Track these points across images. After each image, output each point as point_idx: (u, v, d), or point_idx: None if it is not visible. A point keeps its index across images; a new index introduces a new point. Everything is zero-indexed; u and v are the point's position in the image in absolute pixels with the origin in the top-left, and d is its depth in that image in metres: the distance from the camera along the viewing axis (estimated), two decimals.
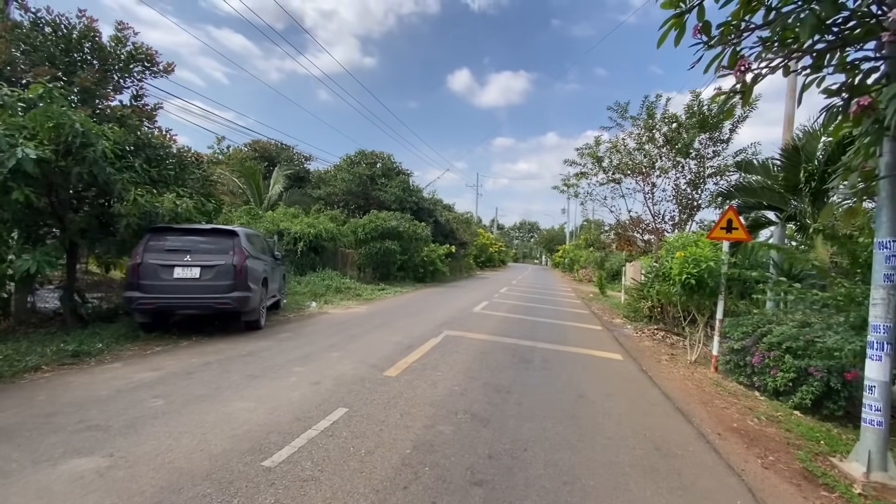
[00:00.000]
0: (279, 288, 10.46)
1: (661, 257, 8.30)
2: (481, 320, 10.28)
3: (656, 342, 9.64)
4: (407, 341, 7.28)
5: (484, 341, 7.76)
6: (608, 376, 6.20)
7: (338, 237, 16.83)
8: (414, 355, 6.30)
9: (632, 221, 13.29)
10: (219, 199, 13.42)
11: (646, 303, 12.71)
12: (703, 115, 11.02)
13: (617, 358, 7.53)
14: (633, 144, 12.16)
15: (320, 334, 7.64)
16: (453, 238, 28.93)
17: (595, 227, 15.18)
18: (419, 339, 7.46)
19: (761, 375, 6.38)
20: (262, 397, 4.29)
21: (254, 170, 20.19)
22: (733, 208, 7.55)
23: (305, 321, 9.20)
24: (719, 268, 7.27)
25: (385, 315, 10.32)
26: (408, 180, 25.53)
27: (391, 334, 7.83)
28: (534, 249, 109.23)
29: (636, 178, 12.90)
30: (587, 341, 8.87)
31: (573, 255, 38.27)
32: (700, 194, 11.81)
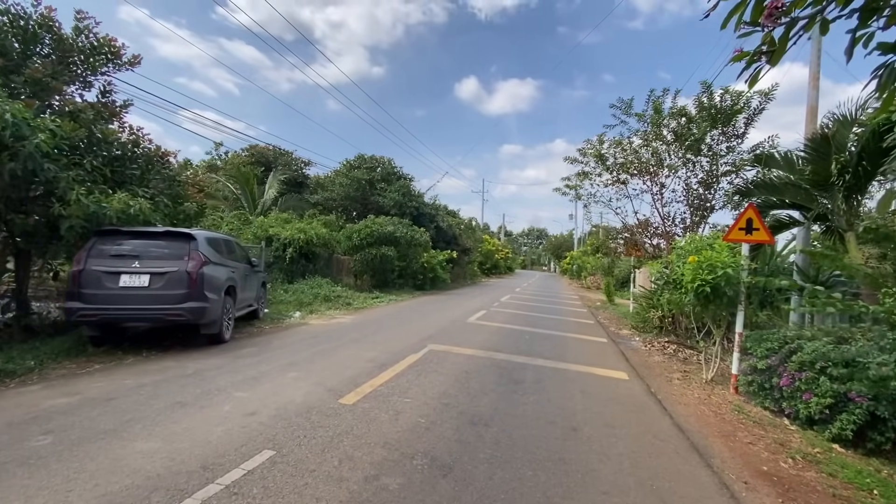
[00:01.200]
0: (257, 297, 9.73)
1: (671, 262, 7.40)
2: (474, 332, 9.42)
3: (667, 357, 8.69)
4: (382, 358, 6.46)
5: (471, 357, 6.90)
6: (610, 401, 5.29)
7: (331, 243, 16.11)
8: (384, 376, 5.47)
9: (639, 225, 12.36)
10: (200, 203, 12.82)
11: (655, 312, 11.74)
12: (714, 109, 10.11)
13: (622, 377, 6.62)
14: (639, 142, 11.27)
15: (287, 349, 6.85)
16: (456, 244, 28.10)
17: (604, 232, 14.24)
18: (397, 356, 6.63)
19: (791, 400, 5.46)
20: (176, 434, 3.49)
21: (247, 175, 19.62)
22: (753, 206, 6.64)
23: (279, 333, 8.42)
24: (738, 274, 6.35)
25: (369, 326, 9.51)
26: (408, 185, 24.83)
27: (367, 349, 7.02)
28: (542, 256, 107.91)
29: (643, 178, 12.00)
30: (589, 356, 7.96)
31: (581, 261, 37.19)
32: (713, 194, 10.87)
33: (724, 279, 6.24)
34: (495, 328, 10.19)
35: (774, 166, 7.57)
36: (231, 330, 7.58)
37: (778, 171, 7.69)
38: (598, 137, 11.57)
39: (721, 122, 10.27)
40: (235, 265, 8.13)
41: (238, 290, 8.00)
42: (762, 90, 9.82)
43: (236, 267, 8.14)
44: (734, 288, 6.33)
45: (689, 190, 11.19)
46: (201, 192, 14.19)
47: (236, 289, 7.85)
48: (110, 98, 8.87)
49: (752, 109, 10.07)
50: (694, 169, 10.91)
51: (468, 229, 44.15)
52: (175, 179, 8.65)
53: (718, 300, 6.46)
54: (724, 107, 10.10)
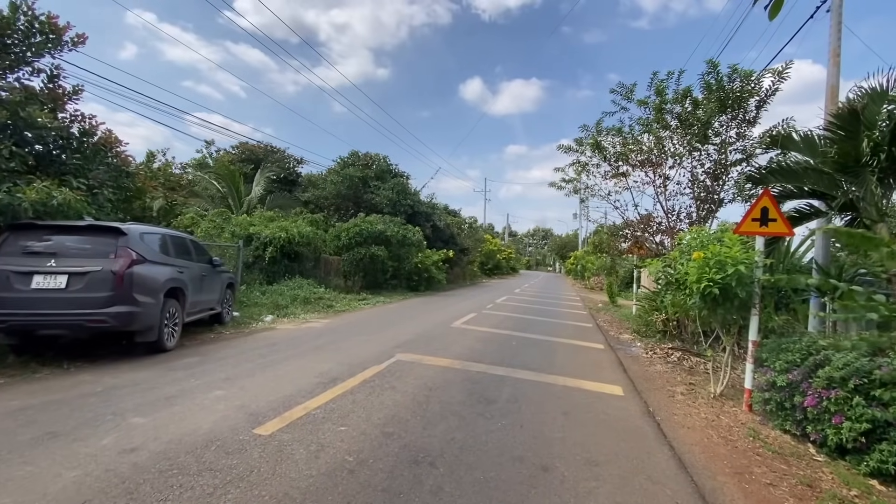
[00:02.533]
0: (221, 299, 8.91)
1: (673, 260, 6.48)
2: (455, 338, 8.53)
3: (671, 366, 7.75)
4: (337, 370, 5.59)
5: (442, 370, 6.02)
6: (598, 426, 4.38)
7: (316, 242, 15.29)
8: (327, 395, 4.60)
9: (641, 220, 11.39)
10: (170, 199, 12.09)
11: (659, 315, 10.78)
12: (722, 91, 9.14)
13: (616, 393, 5.70)
14: (641, 129, 10.30)
15: (231, 360, 6.01)
16: (453, 244, 27.21)
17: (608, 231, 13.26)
18: (355, 368, 5.76)
19: (817, 423, 4.54)
20: (5, 487, 2.64)
21: (232, 172, 18.88)
22: (769, 193, 5.70)
23: (237, 340, 7.59)
24: (752, 273, 5.42)
25: (340, 332, 8.66)
26: (404, 183, 23.99)
27: (324, 360, 6.16)
28: (547, 257, 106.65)
29: (645, 169, 11.03)
30: (582, 367, 7.04)
31: (584, 261, 36.15)
32: (721, 186, 9.89)
33: (736, 278, 5.31)
34: (481, 333, 9.29)
35: (792, 148, 6.60)
36: (178, 337, 6.76)
37: (796, 154, 6.73)
38: (596, 124, 10.63)
39: (730, 106, 9.30)
40: (186, 264, 7.32)
41: (189, 293, 7.19)
42: (775, 69, 8.84)
43: (187, 266, 7.32)
44: (747, 289, 5.39)
45: (696, 181, 10.21)
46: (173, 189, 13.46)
47: (185, 291, 7.03)
48: (57, 83, 8.12)
49: (765, 90, 9.09)
50: (700, 158, 9.94)
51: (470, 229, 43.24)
52: (123, 171, 7.85)
53: (728, 303, 5.52)
54: (733, 88, 9.13)
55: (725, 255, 5.42)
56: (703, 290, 5.45)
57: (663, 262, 7.40)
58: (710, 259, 5.52)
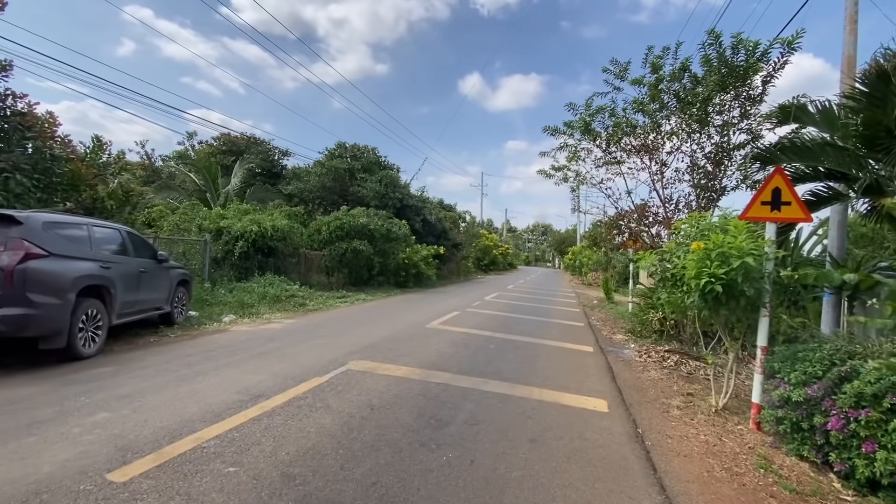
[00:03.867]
0: (169, 298, 8.04)
1: (669, 252, 5.60)
2: (427, 341, 7.65)
3: (666, 372, 6.88)
4: (268, 384, 4.72)
5: (396, 382, 5.14)
6: (571, 458, 3.51)
7: (292, 236, 14.38)
8: (237, 418, 3.73)
9: (636, 210, 10.48)
10: (126, 189, 11.20)
11: (655, 314, 9.91)
12: (725, 65, 8.20)
13: (600, 409, 4.83)
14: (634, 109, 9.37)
15: (152, 370, 5.13)
16: (445, 238, 26.31)
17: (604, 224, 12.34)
18: (292, 380, 4.89)
19: (843, 451, 3.70)
20: None
21: (209, 163, 17.97)
22: (782, 171, 4.80)
23: (177, 344, 6.72)
24: (761, 266, 4.55)
25: (297, 334, 7.79)
26: (393, 175, 23.07)
27: (261, 369, 5.29)
28: (546, 252, 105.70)
29: (641, 155, 10.13)
30: (564, 375, 6.17)
31: (581, 256, 35.28)
32: (724, 172, 8.98)
33: (742, 273, 4.42)
34: (457, 335, 8.41)
35: (807, 122, 5.70)
36: (100, 342, 5.89)
37: (811, 131, 5.83)
38: (586, 103, 9.67)
39: (733, 83, 8.37)
40: (117, 259, 6.45)
41: (119, 291, 6.32)
42: (784, 38, 7.90)
43: (118, 262, 6.46)
44: (756, 285, 4.51)
45: (695, 167, 9.30)
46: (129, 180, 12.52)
47: (112, 289, 6.16)
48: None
49: (772, 64, 8.16)
50: (700, 141, 9.02)
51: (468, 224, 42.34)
52: (47, 154, 6.94)
53: (734, 302, 4.64)
54: (736, 62, 8.20)
55: (730, 246, 4.54)
56: (703, 287, 4.56)
57: (658, 256, 6.51)
58: (712, 250, 4.64)
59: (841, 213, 6.75)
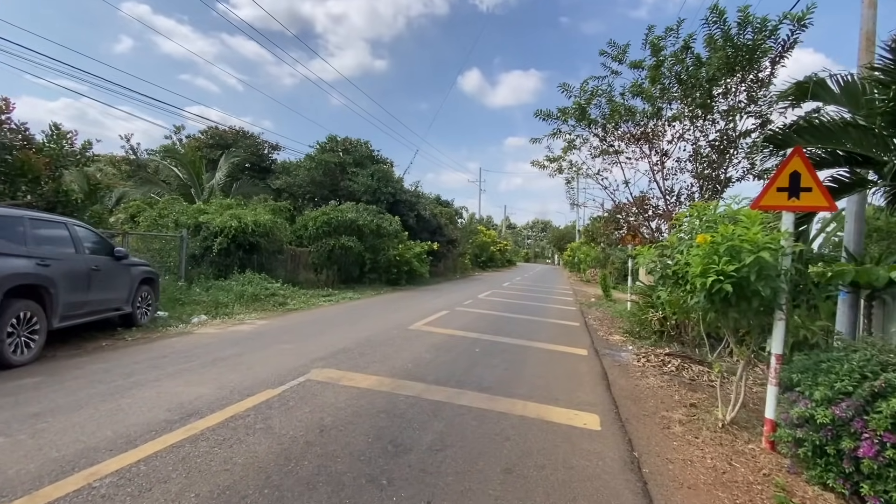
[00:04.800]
0: (130, 298, 7.44)
1: (670, 246, 4.98)
2: (405, 344, 7.04)
3: (667, 378, 6.27)
4: (209, 398, 4.11)
5: (359, 394, 4.53)
6: (552, 495, 2.89)
7: (275, 232, 13.73)
8: (154, 445, 3.11)
9: (634, 202, 9.84)
10: (92, 181, 10.57)
11: (654, 313, 9.30)
12: (731, 44, 7.53)
13: (591, 426, 4.21)
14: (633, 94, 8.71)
15: (85, 380, 4.51)
16: (441, 234, 25.67)
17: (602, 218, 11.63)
18: (239, 393, 4.27)
19: (879, 482, 3.13)
20: None
21: (192, 158, 17.32)
22: (801, 152, 4.17)
23: (130, 349, 6.11)
24: (777, 262, 3.93)
25: (265, 337, 7.18)
26: (386, 169, 22.42)
27: (208, 380, 4.68)
28: (546, 249, 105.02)
29: (640, 144, 9.48)
30: (554, 383, 5.55)
31: (580, 252, 34.66)
32: (729, 161, 8.33)
33: (756, 270, 3.80)
34: (441, 337, 7.80)
35: (827, 100, 5.05)
36: (37, 348, 5.29)
37: (832, 108, 5.19)
38: (581, 86, 9.00)
39: (740, 63, 7.72)
40: (59, 255, 5.85)
41: (61, 291, 5.73)
42: (794, 14, 7.24)
43: (60, 259, 5.85)
44: (772, 284, 3.89)
45: (698, 156, 8.66)
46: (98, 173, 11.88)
47: (52, 289, 5.57)
48: None
49: (781, 43, 7.50)
50: (704, 126, 8.38)
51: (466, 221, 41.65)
52: None
53: (745, 303, 4.02)
54: (743, 41, 7.54)
55: (741, 239, 3.91)
56: (709, 286, 3.94)
57: (658, 251, 5.90)
58: (720, 244, 4.02)
59: (859, 203, 6.12)
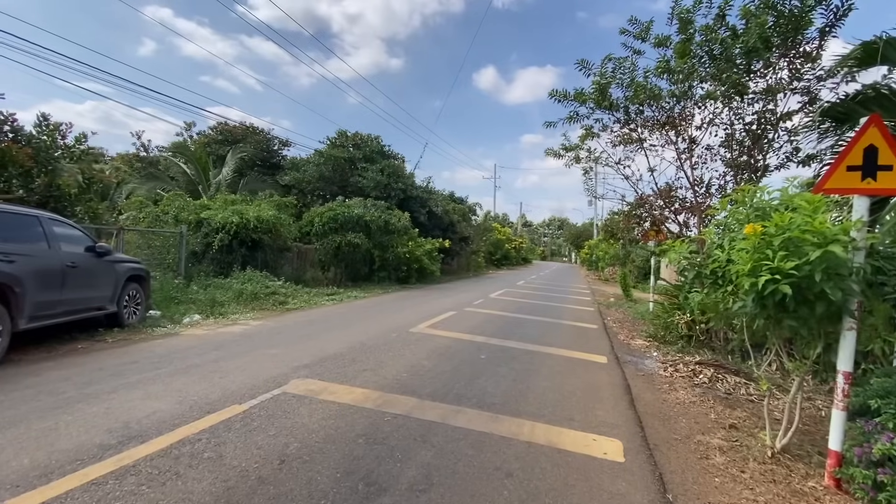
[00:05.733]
0: (112, 296, 6.99)
1: (706, 239, 4.22)
2: (403, 350, 6.40)
3: (700, 391, 5.48)
4: (165, 415, 3.53)
5: (340, 412, 3.90)
6: None
7: (279, 228, 13.25)
8: (68, 482, 2.53)
9: (659, 193, 8.98)
10: (87, 175, 10.22)
11: (681, 316, 8.46)
12: (773, 9, 6.64)
13: (611, 456, 3.49)
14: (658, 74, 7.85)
15: (32, 391, 4.00)
16: (453, 232, 24.99)
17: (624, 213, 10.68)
18: (199, 409, 3.69)
19: None
20: None
21: (199, 154, 17.03)
22: (879, 120, 3.36)
23: (103, 353, 5.63)
24: (846, 258, 3.15)
25: (254, 340, 6.62)
26: (396, 165, 21.86)
27: (171, 392, 4.11)
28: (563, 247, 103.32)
29: (666, 130, 8.62)
30: (568, 397, 4.84)
31: (598, 250, 33.54)
32: (769, 146, 7.43)
33: (823, 268, 3.03)
34: (444, 342, 7.13)
35: None
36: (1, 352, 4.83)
37: None
38: (601, 66, 8.15)
39: (782, 36, 6.83)
40: (26, 252, 5.40)
41: (29, 289, 5.30)
42: None
43: (28, 255, 5.41)
44: (842, 284, 3.11)
45: (732, 141, 7.79)
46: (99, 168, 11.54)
47: (18, 288, 5.14)
48: None
49: (833, 10, 6.59)
50: (739, 108, 7.50)
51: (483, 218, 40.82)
52: None
53: (806, 309, 3.24)
54: (787, 6, 6.65)
55: (803, 230, 3.14)
56: (761, 287, 3.18)
57: (688, 246, 5.12)
58: (774, 236, 3.25)
59: None
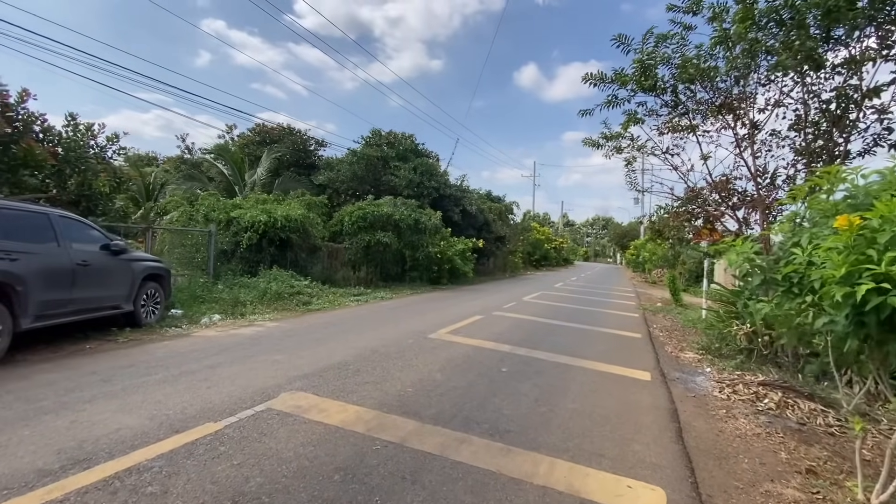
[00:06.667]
0: (128, 295, 6.89)
1: (781, 235, 3.36)
2: (414, 360, 5.81)
3: (765, 421, 4.53)
4: (128, 433, 3.14)
5: (325, 435, 3.36)
6: None
7: (307, 227, 13.09)
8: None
9: (715, 185, 7.89)
10: (117, 175, 10.38)
11: (740, 327, 7.36)
12: None
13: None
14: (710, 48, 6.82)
15: (10, 397, 3.76)
16: (488, 231, 24.25)
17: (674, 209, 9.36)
18: (167, 428, 3.27)
19: None
20: None
21: (235, 154, 17.32)
22: None
23: (107, 354, 5.44)
24: None
25: (262, 344, 6.27)
26: (430, 163, 21.42)
27: (147, 404, 3.74)
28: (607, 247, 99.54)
29: (723, 113, 7.54)
30: (600, 424, 4.07)
31: (644, 250, 31.63)
32: (852, 127, 6.26)
33: None
34: (463, 350, 6.49)
35: None
36: None
37: None
38: (642, 41, 7.18)
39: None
40: (31, 249, 5.29)
41: (33, 289, 5.21)
42: None
43: (33, 253, 5.31)
44: None
45: (804, 124, 6.65)
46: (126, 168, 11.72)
47: (20, 286, 5.05)
48: None
49: None
50: (815, 82, 6.37)
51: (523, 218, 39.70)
52: None
53: None
54: None
55: None
56: (859, 299, 2.34)
57: (751, 246, 4.23)
58: (879, 230, 2.40)
59: None
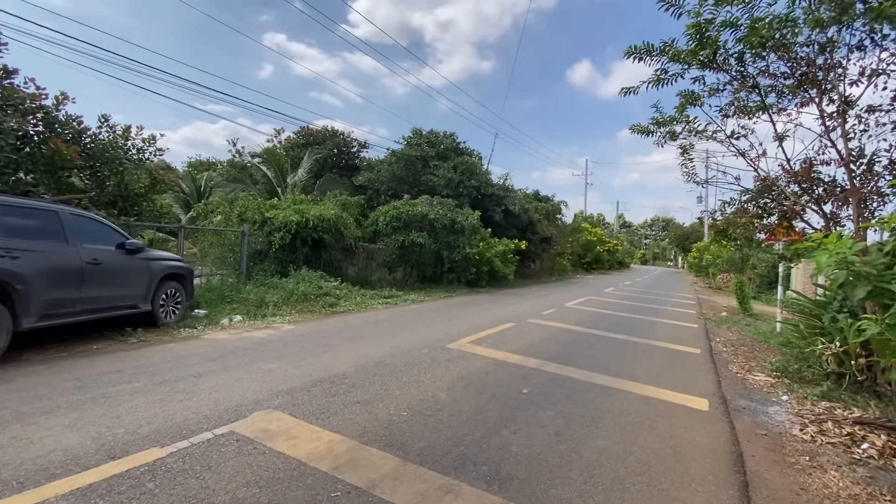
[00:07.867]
0: (145, 294, 6.82)
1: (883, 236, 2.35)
2: (422, 375, 5.14)
3: (865, 475, 3.41)
4: (56, 457, 2.73)
5: (280, 471, 2.77)
6: None
7: (340, 227, 12.83)
8: None
9: (795, 175, 6.55)
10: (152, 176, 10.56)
11: (827, 346, 6.00)
12: None
13: None
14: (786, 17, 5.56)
15: None
16: (533, 232, 23.13)
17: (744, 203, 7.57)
18: (104, 453, 2.84)
19: None
20: None
21: (278, 156, 17.59)
22: None
23: (105, 356, 5.25)
24: None
25: (267, 349, 5.87)
26: (471, 162, 20.74)
27: (103, 421, 3.36)
28: (667, 249, 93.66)
29: (804, 88, 6.24)
30: (635, 474, 3.18)
31: (708, 253, 28.97)
32: None
33: None
34: (483, 364, 5.72)
35: None
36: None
37: None
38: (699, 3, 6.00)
39: None
40: (35, 247, 5.23)
41: (36, 288, 5.13)
42: None
43: (37, 251, 5.25)
44: None
45: None
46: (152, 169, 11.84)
47: (20, 285, 4.96)
48: None
49: None
50: None
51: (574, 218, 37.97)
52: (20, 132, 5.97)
53: None
54: None
55: None
56: None
57: (851, 245, 3.19)
58: None
59: None
